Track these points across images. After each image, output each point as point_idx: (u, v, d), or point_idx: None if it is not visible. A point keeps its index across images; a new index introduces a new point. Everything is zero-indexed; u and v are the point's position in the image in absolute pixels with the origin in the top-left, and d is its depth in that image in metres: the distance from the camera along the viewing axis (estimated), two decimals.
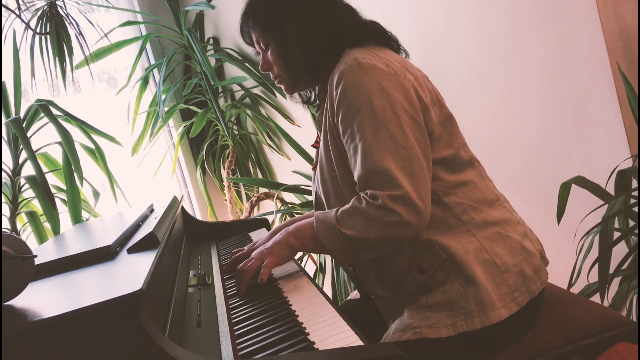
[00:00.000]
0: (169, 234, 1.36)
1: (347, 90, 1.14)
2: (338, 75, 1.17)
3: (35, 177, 2.12)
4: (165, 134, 3.42)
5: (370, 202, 1.11)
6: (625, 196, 1.48)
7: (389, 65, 1.17)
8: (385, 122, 1.11)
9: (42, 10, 2.30)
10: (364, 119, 1.12)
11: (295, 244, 1.24)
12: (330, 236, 1.16)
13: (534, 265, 1.19)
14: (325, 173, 1.27)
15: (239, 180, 3.10)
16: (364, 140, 1.12)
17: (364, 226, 1.12)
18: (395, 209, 1.08)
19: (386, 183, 1.09)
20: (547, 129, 1.83)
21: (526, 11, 1.78)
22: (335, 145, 1.22)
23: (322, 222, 1.18)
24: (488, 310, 1.11)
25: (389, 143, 1.11)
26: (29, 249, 0.92)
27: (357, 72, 1.14)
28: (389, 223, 1.09)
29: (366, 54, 1.19)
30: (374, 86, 1.13)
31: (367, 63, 1.15)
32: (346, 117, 1.15)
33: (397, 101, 1.13)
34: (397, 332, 1.16)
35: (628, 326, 1.14)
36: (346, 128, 1.16)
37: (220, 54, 3.09)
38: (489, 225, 1.19)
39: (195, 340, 0.98)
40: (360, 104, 1.13)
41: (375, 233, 1.11)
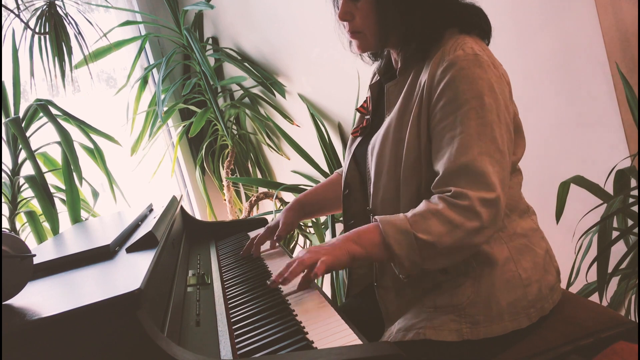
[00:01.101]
0: (168, 233, 1.36)
1: (459, 78, 1.07)
2: (451, 59, 1.09)
3: (34, 176, 2.12)
4: (165, 133, 3.42)
5: (454, 202, 1.03)
6: (624, 195, 1.48)
7: (496, 66, 1.12)
8: (491, 122, 1.06)
9: (41, 10, 2.30)
10: (471, 112, 1.06)
11: (356, 251, 1.09)
12: (401, 241, 1.05)
13: (550, 283, 1.18)
14: (387, 149, 1.18)
15: (238, 180, 3.10)
16: (465, 133, 1.05)
17: (443, 231, 1.03)
18: (481, 213, 1.02)
19: (480, 183, 1.03)
20: (545, 128, 1.83)
21: (525, 12, 1.78)
22: (416, 126, 1.13)
23: (392, 226, 1.06)
24: (495, 322, 1.11)
25: (490, 144, 1.05)
26: (27, 248, 0.92)
27: (473, 62, 1.08)
28: (469, 230, 1.03)
29: (479, 47, 1.12)
30: (487, 83, 1.07)
31: (484, 58, 1.09)
32: (451, 104, 1.07)
33: (501, 103, 1.08)
34: (400, 332, 1.15)
35: (627, 325, 1.14)
36: (447, 115, 1.08)
37: (219, 54, 3.09)
38: (518, 236, 1.17)
39: (194, 339, 0.98)
40: (470, 95, 1.06)
41: (452, 239, 1.03)
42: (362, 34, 1.21)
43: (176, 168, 3.42)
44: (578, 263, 1.58)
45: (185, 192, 3.49)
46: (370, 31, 1.19)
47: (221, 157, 3.29)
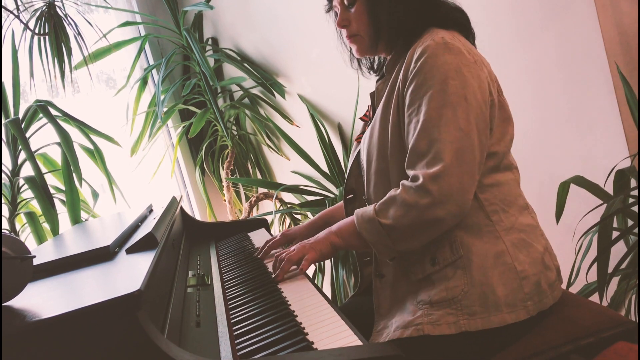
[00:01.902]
0: (168, 234, 1.36)
1: (427, 65, 1.14)
2: (422, 49, 1.16)
3: (34, 177, 2.12)
4: (164, 134, 3.42)
5: (408, 185, 1.12)
6: (624, 196, 1.48)
7: (470, 53, 1.18)
8: (453, 103, 1.11)
9: (40, 11, 2.30)
10: (434, 96, 1.12)
11: (337, 242, 1.25)
12: (370, 229, 1.16)
13: (549, 279, 1.19)
14: (374, 139, 1.26)
15: (238, 180, 3.10)
16: (427, 115, 1.12)
17: (400, 213, 1.12)
18: (430, 190, 1.08)
19: (431, 162, 1.10)
20: (545, 129, 1.83)
21: (525, 12, 1.78)
22: (396, 116, 1.21)
23: (361, 217, 1.19)
24: (492, 313, 1.11)
25: (450, 125, 1.10)
26: (27, 249, 0.92)
27: (442, 49, 1.14)
28: (422, 206, 1.09)
29: (451, 36, 1.19)
30: (454, 67, 1.13)
31: (453, 45, 1.16)
32: (418, 89, 1.15)
33: (470, 88, 1.13)
34: (398, 330, 1.16)
35: (627, 325, 1.14)
36: (414, 100, 1.15)
37: (219, 55, 3.09)
38: (515, 230, 1.19)
39: (194, 340, 0.98)
40: (435, 80, 1.13)
41: (410, 219, 1.11)
42: (359, 37, 1.32)
43: (176, 169, 3.42)
44: (578, 263, 1.58)
45: (185, 193, 3.49)
46: (365, 32, 1.30)
47: (221, 158, 3.29)
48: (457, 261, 1.15)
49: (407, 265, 1.22)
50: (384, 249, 1.17)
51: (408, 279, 1.21)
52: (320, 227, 1.61)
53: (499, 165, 1.22)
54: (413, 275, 1.20)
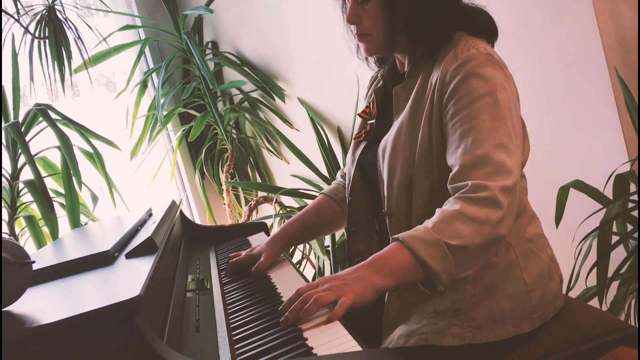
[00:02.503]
0: (168, 238, 1.36)
1: (473, 75, 1.08)
2: (465, 58, 1.10)
3: (33, 181, 2.12)
4: (164, 137, 3.42)
5: (473, 197, 1.00)
6: (624, 200, 1.48)
7: (505, 69, 1.15)
8: (505, 116, 1.07)
9: (40, 15, 2.30)
10: (485, 107, 1.07)
11: (384, 285, 0.99)
12: (434, 254, 0.97)
13: (553, 290, 1.19)
14: (399, 149, 1.17)
15: (237, 184, 3.10)
16: (480, 126, 1.05)
17: (471, 231, 0.98)
18: (501, 202, 0.99)
19: (498, 173, 1.02)
20: (545, 133, 1.83)
21: (524, 17, 1.78)
22: (427, 126, 1.14)
23: (419, 241, 0.98)
24: (497, 326, 1.11)
25: (505, 136, 1.05)
26: (27, 254, 0.92)
27: (486, 61, 1.10)
28: (494, 222, 0.99)
29: (491, 49, 1.16)
30: (499, 80, 1.09)
31: (496, 58, 1.13)
32: (464, 99, 1.08)
33: (512, 102, 1.11)
34: (402, 338, 1.15)
35: (627, 330, 1.14)
36: (460, 110, 1.08)
37: (219, 58, 3.09)
38: (525, 240, 1.18)
39: (193, 345, 0.98)
40: (485, 90, 1.07)
41: (482, 237, 0.99)
42: (370, 37, 1.22)
43: (175, 172, 3.42)
44: (578, 268, 1.58)
45: (185, 196, 3.48)
46: (379, 34, 1.20)
47: (221, 161, 3.29)
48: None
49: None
50: (447, 278, 0.99)
51: (416, 294, 1.18)
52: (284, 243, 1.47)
53: None
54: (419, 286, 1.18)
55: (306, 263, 2.67)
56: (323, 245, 2.44)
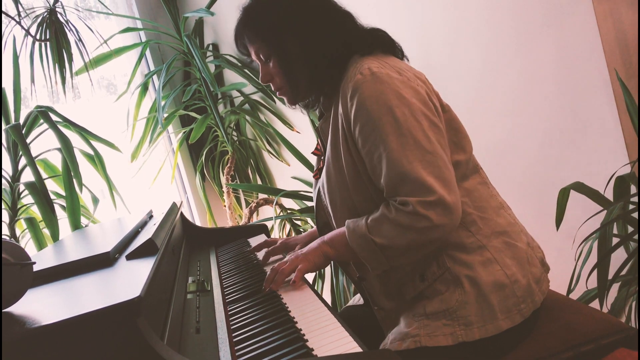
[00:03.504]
0: (168, 240, 1.36)
1: (365, 100, 1.12)
2: (353, 86, 1.14)
3: (34, 183, 2.12)
4: (165, 140, 3.42)
5: (400, 208, 1.10)
6: (624, 202, 1.48)
7: (401, 73, 1.16)
8: (409, 128, 1.10)
9: (42, 17, 2.30)
10: (387, 127, 1.10)
11: (330, 253, 1.24)
12: (362, 245, 1.15)
13: (535, 275, 1.19)
14: (332, 180, 1.25)
15: (238, 186, 3.10)
16: (389, 149, 1.10)
17: (396, 234, 1.10)
18: (427, 214, 1.07)
19: (417, 189, 1.08)
20: (545, 135, 1.83)
21: (524, 18, 1.78)
22: (348, 153, 1.20)
23: (353, 232, 1.17)
24: (488, 322, 1.11)
25: (415, 150, 1.09)
26: (27, 255, 0.92)
27: (372, 82, 1.12)
28: (420, 229, 1.08)
29: (377, 62, 1.17)
30: (392, 94, 1.11)
31: (381, 72, 1.14)
32: (366, 126, 1.13)
33: (415, 107, 1.11)
34: (395, 342, 1.16)
35: (627, 332, 1.14)
36: (367, 137, 1.13)
37: (219, 60, 3.09)
38: (497, 234, 1.19)
39: (193, 346, 0.98)
40: (380, 113, 1.11)
41: (406, 240, 1.10)
42: (283, 89, 1.31)
43: (176, 174, 3.42)
44: (578, 269, 1.58)
45: (185, 199, 3.49)
46: (286, 85, 1.29)
47: (221, 164, 3.29)
48: (445, 274, 1.15)
49: (397, 288, 1.22)
50: (376, 265, 1.16)
51: (404, 299, 1.22)
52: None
53: (466, 172, 1.22)
54: (406, 294, 1.20)
55: None
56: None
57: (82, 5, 3.16)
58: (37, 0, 2.72)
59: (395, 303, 1.23)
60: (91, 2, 3.23)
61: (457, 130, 1.23)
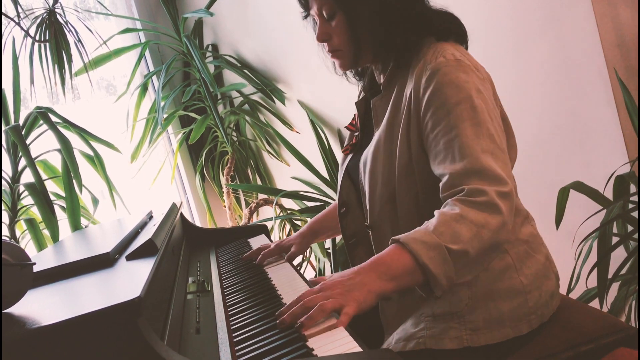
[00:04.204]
0: (168, 240, 1.36)
1: (445, 85, 1.07)
2: (433, 67, 1.10)
3: (34, 184, 2.12)
4: (164, 140, 3.42)
5: (471, 200, 0.99)
6: (624, 201, 1.48)
7: (478, 69, 1.14)
8: (485, 121, 1.06)
9: (41, 18, 2.30)
10: (464, 114, 1.05)
11: (386, 289, 0.96)
12: (435, 258, 0.95)
13: (550, 289, 1.18)
14: (379, 162, 1.18)
15: (238, 186, 3.10)
16: (462, 134, 1.04)
17: (471, 235, 0.96)
18: (501, 206, 0.98)
19: (492, 179, 1.00)
20: (545, 135, 1.83)
21: (523, 18, 1.78)
22: (405, 137, 1.14)
23: (421, 244, 0.96)
24: (495, 328, 1.11)
25: (489, 142, 1.04)
26: (27, 256, 0.93)
27: (455, 68, 1.09)
28: (494, 227, 0.98)
29: (459, 52, 1.14)
30: (473, 85, 1.08)
31: (465, 63, 1.11)
32: (441, 109, 1.07)
33: (490, 105, 1.09)
34: (400, 342, 1.15)
35: (627, 331, 1.13)
36: (439, 121, 1.07)
37: (219, 61, 3.09)
38: (520, 242, 1.17)
39: (194, 347, 0.98)
40: (459, 99, 1.06)
41: (481, 242, 0.97)
42: (341, 52, 1.24)
43: (176, 175, 3.42)
44: (578, 269, 1.58)
45: (185, 199, 3.49)
46: (348, 49, 1.22)
47: (221, 164, 3.29)
48: None
49: None
50: (446, 283, 0.97)
51: (413, 295, 1.17)
52: (311, 237, 1.60)
53: None
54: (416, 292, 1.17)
55: (307, 265, 2.67)
56: (324, 248, 2.44)
57: (82, 6, 3.17)
58: (36, 1, 2.72)
59: (404, 296, 1.21)
60: (90, 3, 3.23)
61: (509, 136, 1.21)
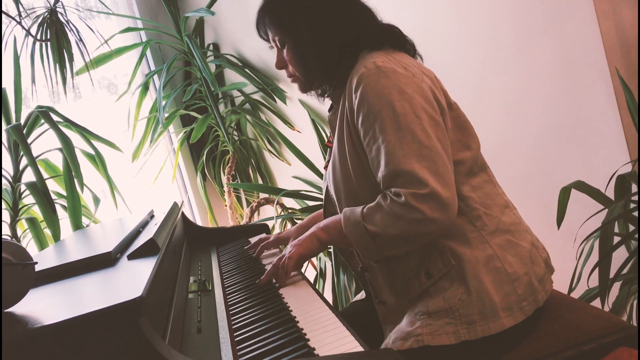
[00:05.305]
0: (169, 240, 1.36)
1: (367, 93, 1.14)
2: (357, 79, 1.17)
3: (35, 183, 2.12)
4: (166, 139, 3.42)
5: (394, 199, 1.11)
6: (625, 201, 1.48)
7: (407, 69, 1.17)
8: (407, 123, 1.11)
9: (42, 17, 2.30)
10: (386, 120, 1.12)
11: (324, 238, 1.28)
12: (355, 232, 1.16)
13: (538, 275, 1.19)
14: (337, 172, 1.28)
15: (239, 185, 3.10)
16: (386, 141, 1.12)
17: (387, 222, 1.11)
18: (418, 207, 1.07)
19: (410, 182, 1.09)
20: (546, 134, 1.83)
21: (525, 18, 1.78)
22: (352, 146, 1.22)
23: (348, 219, 1.18)
24: (490, 320, 1.12)
25: (412, 144, 1.10)
26: (29, 255, 0.93)
27: (376, 75, 1.15)
28: (411, 220, 1.08)
29: (384, 57, 1.19)
30: (394, 89, 1.13)
31: (386, 67, 1.15)
32: (367, 119, 1.15)
33: (416, 102, 1.13)
34: (398, 341, 1.16)
35: (628, 331, 1.14)
36: (367, 130, 1.15)
37: (220, 60, 3.09)
38: (501, 232, 1.19)
39: (195, 346, 0.98)
40: (381, 106, 1.13)
41: (397, 229, 1.10)
42: (295, 77, 1.35)
43: (177, 174, 3.42)
44: (579, 268, 1.58)
45: (187, 198, 3.49)
46: (300, 75, 1.33)
47: (222, 163, 3.29)
48: (451, 272, 1.16)
49: (402, 284, 1.22)
50: (367, 252, 1.17)
51: (408, 296, 1.22)
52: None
53: (473, 169, 1.23)
54: (411, 292, 1.20)
55: (308, 264, 2.67)
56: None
57: (83, 5, 3.17)
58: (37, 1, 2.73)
59: (399, 299, 1.23)
60: (92, 2, 3.23)
61: (464, 128, 1.24)
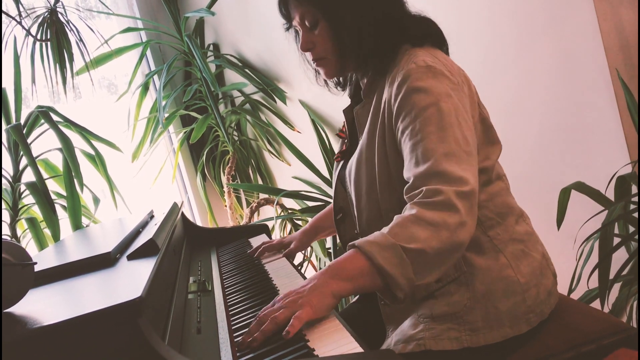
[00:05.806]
0: (169, 240, 1.36)
1: (414, 90, 1.10)
2: (404, 74, 1.12)
3: (35, 183, 2.12)
4: (166, 140, 3.42)
5: (428, 202, 0.99)
6: (625, 202, 1.48)
7: (452, 74, 1.14)
8: (451, 125, 1.07)
9: (42, 17, 2.30)
10: (431, 118, 1.07)
11: (341, 289, 0.97)
12: (390, 258, 0.95)
13: (547, 287, 1.19)
14: (362, 170, 1.21)
15: (239, 186, 3.10)
16: (428, 138, 1.06)
17: (428, 234, 0.96)
18: (458, 206, 0.98)
19: (451, 180, 1.01)
20: (546, 135, 1.83)
21: (525, 19, 1.78)
22: (382, 146, 1.17)
23: (375, 245, 0.97)
24: (494, 328, 1.11)
25: (454, 145, 1.05)
26: (28, 256, 0.93)
27: (425, 74, 1.11)
28: (453, 226, 0.97)
29: (431, 57, 1.15)
30: (442, 90, 1.09)
31: (436, 67, 1.12)
32: (409, 114, 1.09)
33: (460, 109, 1.10)
34: (400, 344, 1.15)
35: (628, 332, 1.13)
36: (407, 126, 1.10)
37: (220, 60, 3.09)
38: (514, 242, 1.18)
39: (195, 347, 0.98)
40: (427, 103, 1.08)
41: (440, 241, 0.97)
42: (326, 60, 1.25)
43: (177, 174, 3.42)
44: (579, 269, 1.58)
45: (186, 198, 3.49)
46: (332, 55, 1.24)
47: (222, 163, 3.29)
48: (460, 277, 1.14)
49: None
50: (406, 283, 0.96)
51: (412, 298, 1.19)
52: (314, 235, 1.65)
53: (491, 178, 1.21)
54: (417, 294, 1.18)
55: (308, 265, 2.67)
56: (324, 247, 2.44)
57: (83, 5, 3.17)
58: (37, 1, 2.73)
59: None
60: (92, 2, 3.23)
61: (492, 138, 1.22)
